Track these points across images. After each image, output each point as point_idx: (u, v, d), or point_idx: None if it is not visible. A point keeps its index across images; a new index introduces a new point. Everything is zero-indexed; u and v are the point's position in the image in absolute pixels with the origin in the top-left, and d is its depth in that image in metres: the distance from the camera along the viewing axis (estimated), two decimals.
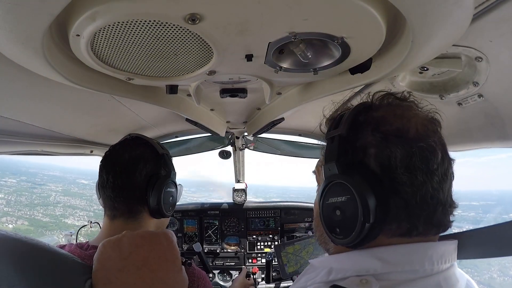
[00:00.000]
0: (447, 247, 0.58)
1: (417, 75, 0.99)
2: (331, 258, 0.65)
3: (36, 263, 0.51)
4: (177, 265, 0.63)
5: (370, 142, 0.56)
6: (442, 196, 0.55)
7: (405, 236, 0.56)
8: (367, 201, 0.53)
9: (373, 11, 0.53)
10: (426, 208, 0.54)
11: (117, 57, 0.71)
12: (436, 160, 0.55)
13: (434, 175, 0.54)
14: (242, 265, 2.52)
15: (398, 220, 0.54)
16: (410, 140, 0.54)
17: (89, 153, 1.66)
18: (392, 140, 0.54)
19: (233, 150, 2.38)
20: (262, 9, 0.52)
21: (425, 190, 0.53)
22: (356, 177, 0.55)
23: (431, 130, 0.58)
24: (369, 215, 0.53)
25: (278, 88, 1.16)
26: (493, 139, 1.04)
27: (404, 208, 0.54)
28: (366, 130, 0.57)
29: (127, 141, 1.04)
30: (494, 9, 0.58)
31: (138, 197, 0.97)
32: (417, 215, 0.54)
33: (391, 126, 0.56)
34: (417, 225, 0.54)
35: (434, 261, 0.55)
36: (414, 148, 0.54)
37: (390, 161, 0.54)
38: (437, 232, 0.58)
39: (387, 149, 0.54)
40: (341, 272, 0.58)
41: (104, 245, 0.60)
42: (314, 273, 0.63)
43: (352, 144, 0.58)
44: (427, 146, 0.54)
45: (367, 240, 0.55)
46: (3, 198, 38.94)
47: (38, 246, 0.53)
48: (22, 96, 0.92)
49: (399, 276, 0.54)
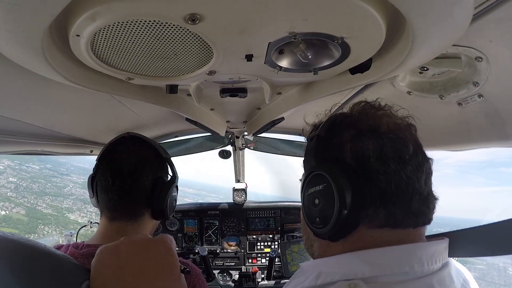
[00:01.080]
0: (437, 247, 0.58)
1: (417, 75, 0.99)
2: (320, 262, 0.65)
3: (32, 265, 0.50)
4: (175, 273, 0.62)
5: (346, 138, 0.61)
6: (418, 186, 0.58)
7: (385, 226, 0.57)
8: (343, 187, 0.56)
9: (373, 11, 0.53)
10: (401, 195, 0.56)
11: (117, 57, 0.71)
12: (408, 151, 0.58)
13: (407, 164, 0.57)
14: (242, 265, 2.52)
15: (374, 207, 0.57)
16: (382, 134, 0.59)
17: (89, 153, 1.67)
18: (365, 134, 0.59)
19: (233, 149, 2.38)
20: (262, 9, 0.52)
21: (399, 177, 0.56)
22: (332, 166, 0.60)
23: (402, 127, 0.62)
24: (345, 201, 0.56)
25: (278, 88, 1.16)
26: (493, 139, 1.04)
27: (380, 195, 0.56)
28: (342, 129, 0.63)
29: (128, 142, 1.03)
30: (494, 9, 0.58)
31: (143, 200, 0.97)
32: (392, 202, 0.56)
33: (363, 124, 0.62)
34: (394, 212, 0.56)
35: (424, 262, 0.55)
36: (384, 139, 0.58)
37: (364, 153, 0.58)
38: (416, 223, 0.58)
39: (360, 142, 0.59)
40: (330, 276, 0.58)
41: (102, 252, 0.60)
42: (303, 277, 0.63)
43: (329, 141, 0.64)
44: (397, 138, 0.58)
45: (347, 230, 0.58)
46: (14, 182, 37.58)
47: (35, 247, 0.53)
48: (22, 96, 0.92)
49: (388, 278, 0.54)
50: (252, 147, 2.36)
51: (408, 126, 0.63)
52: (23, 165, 42.28)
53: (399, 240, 0.57)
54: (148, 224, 1.01)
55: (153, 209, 0.99)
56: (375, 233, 0.58)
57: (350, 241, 0.59)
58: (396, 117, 0.65)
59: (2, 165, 39.91)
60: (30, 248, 0.52)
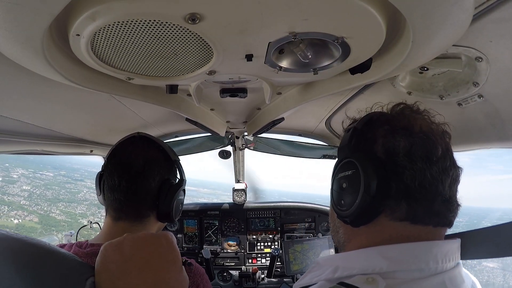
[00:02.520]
0: (450, 246, 0.60)
1: (417, 75, 0.99)
2: (337, 256, 0.66)
3: (37, 263, 0.51)
4: (178, 265, 0.63)
5: (379, 133, 0.64)
6: (441, 188, 0.59)
7: (405, 220, 0.59)
8: (369, 175, 0.60)
9: (373, 11, 0.53)
10: (424, 193, 0.58)
11: (117, 57, 0.71)
12: (436, 152, 0.60)
13: (434, 165, 0.59)
14: (242, 265, 2.52)
15: (397, 199, 0.59)
16: (414, 133, 0.61)
17: (89, 153, 1.67)
18: (398, 132, 0.62)
19: (233, 150, 2.38)
20: (262, 9, 0.52)
21: (423, 176, 0.58)
22: (363, 156, 0.63)
23: (435, 131, 0.63)
24: (369, 188, 0.59)
25: (278, 88, 1.16)
26: (493, 139, 1.04)
27: (404, 190, 0.59)
28: (377, 125, 0.66)
29: (137, 142, 1.01)
30: (494, 9, 0.58)
31: (149, 202, 0.96)
32: (415, 198, 0.58)
33: (398, 122, 0.64)
34: (416, 208, 0.59)
35: (438, 259, 0.56)
36: (415, 138, 0.60)
37: (394, 148, 0.61)
38: (437, 223, 0.60)
39: (392, 138, 0.62)
40: (347, 270, 0.59)
41: (106, 248, 0.60)
42: (319, 271, 0.64)
43: (364, 135, 0.67)
44: (427, 138, 0.60)
45: (369, 217, 0.61)
46: (28, 190, 37.37)
47: (39, 245, 0.53)
48: (22, 96, 0.92)
49: (405, 275, 0.55)
50: (252, 147, 2.36)
51: (442, 132, 0.65)
52: (37, 173, 41.99)
53: (419, 236, 0.59)
54: (152, 226, 1.01)
55: (159, 212, 0.98)
56: (396, 226, 0.60)
57: (372, 231, 0.62)
58: (432, 122, 0.67)
59: (16, 174, 39.70)
60: (34, 246, 0.53)
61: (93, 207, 31.38)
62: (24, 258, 0.50)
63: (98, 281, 0.56)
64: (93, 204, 6.51)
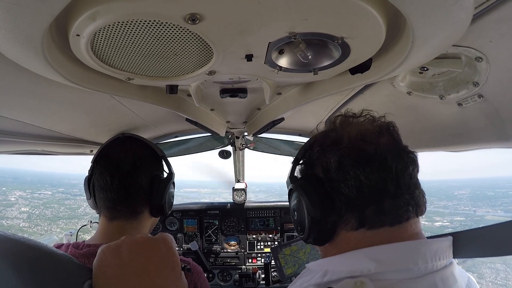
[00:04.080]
0: (440, 244, 0.59)
1: (417, 75, 0.99)
2: (326, 261, 0.67)
3: (34, 264, 0.50)
4: (177, 271, 0.62)
5: (314, 157, 0.70)
6: (384, 186, 0.59)
7: (360, 227, 0.61)
8: (310, 197, 0.65)
9: (373, 11, 0.53)
10: (365, 198, 0.60)
11: (117, 57, 0.71)
12: (365, 155, 0.61)
13: (366, 167, 0.60)
14: (242, 265, 2.52)
15: (344, 211, 0.62)
16: (342, 145, 0.65)
17: (89, 153, 1.67)
18: (327, 149, 0.67)
19: (233, 150, 2.38)
20: (262, 9, 0.52)
21: (359, 182, 0.60)
22: (302, 182, 0.70)
23: (369, 131, 0.65)
24: (312, 210, 0.64)
25: (278, 88, 1.16)
26: (493, 139, 1.04)
27: (346, 201, 0.61)
28: (312, 150, 0.72)
29: (124, 142, 1.04)
30: (494, 9, 0.58)
31: (142, 198, 0.98)
32: (359, 205, 0.61)
33: (328, 139, 0.69)
34: (365, 214, 0.60)
35: (427, 258, 0.56)
36: (343, 149, 0.64)
37: (328, 166, 0.65)
38: (392, 221, 0.60)
39: (324, 158, 0.67)
40: (336, 274, 0.59)
41: (104, 251, 0.60)
42: (309, 276, 0.65)
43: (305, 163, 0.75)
44: (353, 144, 0.63)
45: (326, 235, 0.65)
46: (27, 212, 36.48)
47: (36, 247, 0.53)
48: (22, 96, 0.92)
49: (394, 275, 0.55)
50: (252, 147, 2.36)
51: (380, 129, 0.66)
52: (35, 193, 41.51)
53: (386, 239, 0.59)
54: (147, 222, 1.02)
55: (152, 206, 1.00)
56: (355, 235, 0.62)
57: (338, 244, 0.65)
58: (369, 122, 0.69)
59: (14, 196, 39.20)
60: (32, 248, 0.52)
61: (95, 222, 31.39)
62: (22, 260, 0.50)
63: (95, 285, 0.55)
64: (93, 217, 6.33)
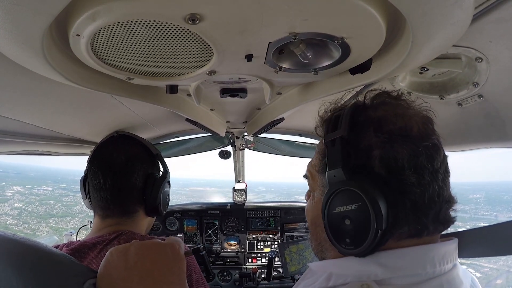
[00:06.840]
0: (447, 247, 0.57)
1: (417, 76, 0.98)
2: (330, 263, 0.63)
3: (34, 264, 0.51)
4: (181, 277, 0.62)
5: (375, 143, 0.53)
6: (446, 193, 0.55)
7: (414, 237, 0.55)
8: (380, 207, 0.50)
9: (373, 11, 0.53)
10: (434, 207, 0.53)
11: (117, 57, 0.71)
12: (440, 158, 0.55)
13: (438, 173, 0.54)
14: (242, 265, 2.52)
15: (408, 223, 0.53)
16: (415, 139, 0.53)
17: (89, 153, 1.66)
18: (397, 140, 0.53)
19: (233, 150, 2.38)
20: (262, 9, 0.52)
21: (432, 189, 0.53)
22: (365, 182, 0.52)
23: (430, 129, 0.58)
24: (382, 222, 0.50)
25: (278, 88, 1.16)
26: (493, 139, 1.04)
27: (413, 209, 0.52)
28: (369, 131, 0.55)
29: (117, 141, 1.04)
30: (494, 9, 0.58)
31: (136, 197, 0.98)
32: (426, 215, 0.53)
33: (394, 125, 0.54)
34: (427, 225, 0.53)
35: (436, 262, 0.54)
36: (420, 147, 0.52)
37: (397, 162, 0.52)
38: (443, 230, 0.57)
39: (392, 150, 0.52)
40: (341, 278, 0.56)
41: (112, 253, 0.60)
42: (312, 278, 0.62)
43: (354, 146, 0.56)
44: (432, 145, 0.54)
45: (378, 247, 0.53)
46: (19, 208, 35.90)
47: (36, 247, 0.53)
48: (22, 96, 0.92)
49: (401, 280, 0.53)
50: (252, 147, 2.36)
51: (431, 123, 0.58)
52: (34, 189, 40.69)
53: (416, 243, 0.55)
54: (142, 221, 1.01)
55: (146, 206, 0.99)
56: (401, 243, 0.55)
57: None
58: (417, 111, 0.59)
59: (11, 192, 38.49)
60: (33, 248, 0.53)
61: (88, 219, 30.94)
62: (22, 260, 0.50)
63: (99, 285, 0.56)
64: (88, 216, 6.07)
